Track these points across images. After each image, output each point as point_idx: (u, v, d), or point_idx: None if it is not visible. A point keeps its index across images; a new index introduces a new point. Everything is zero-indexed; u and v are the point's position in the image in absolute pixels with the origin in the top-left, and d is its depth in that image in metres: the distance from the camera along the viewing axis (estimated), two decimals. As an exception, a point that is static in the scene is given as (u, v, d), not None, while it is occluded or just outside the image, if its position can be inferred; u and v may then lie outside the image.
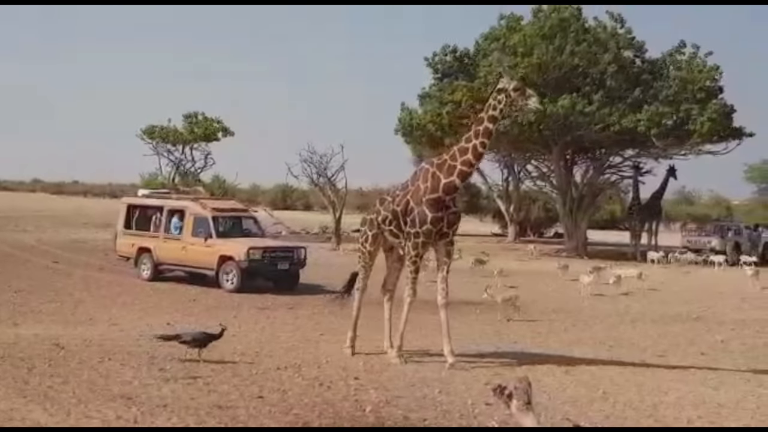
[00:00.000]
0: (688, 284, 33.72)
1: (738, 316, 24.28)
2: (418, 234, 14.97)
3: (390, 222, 15.58)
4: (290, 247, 27.98)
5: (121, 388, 12.46)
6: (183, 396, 12.13)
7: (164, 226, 27.72)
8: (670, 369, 15.67)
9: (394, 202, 15.57)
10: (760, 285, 32.25)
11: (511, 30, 50.08)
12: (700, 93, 46.68)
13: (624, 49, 49.05)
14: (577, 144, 51.30)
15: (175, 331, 16.31)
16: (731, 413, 12.45)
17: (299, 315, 21.08)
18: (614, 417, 11.99)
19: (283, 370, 14.23)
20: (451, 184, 14.95)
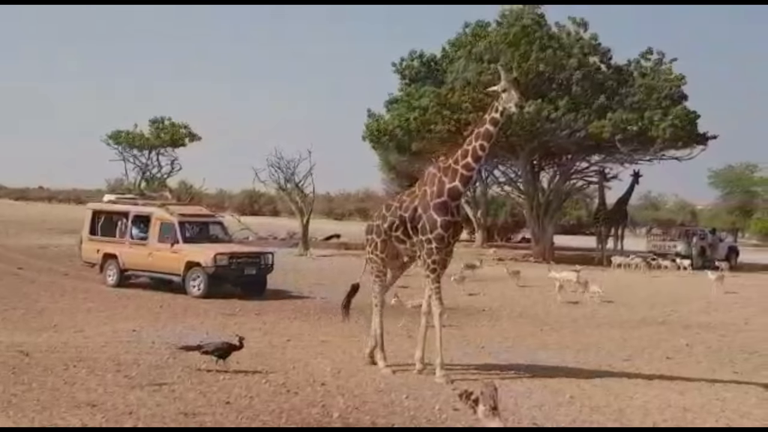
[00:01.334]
0: (653, 289, 33.96)
1: (703, 320, 24.49)
2: (430, 240, 14.44)
3: (397, 228, 15.12)
4: (257, 253, 27.89)
5: (86, 396, 12.35)
6: (149, 403, 12.03)
7: (130, 231, 27.54)
8: (635, 373, 15.77)
9: (401, 208, 15.12)
10: (724, 289, 32.60)
11: (476, 37, 50.32)
12: (665, 101, 47.09)
13: (589, 55, 49.39)
14: (544, 149, 51.55)
15: (196, 341, 16.09)
16: (696, 417, 12.57)
17: (266, 321, 20.99)
18: (580, 421, 12.05)
19: (251, 376, 14.17)
20: (455, 188, 14.54)
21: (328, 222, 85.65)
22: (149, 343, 17.04)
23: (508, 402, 12.32)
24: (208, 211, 32.26)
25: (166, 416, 11.35)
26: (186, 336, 17.97)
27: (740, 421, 12.48)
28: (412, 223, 14.76)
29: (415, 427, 11.35)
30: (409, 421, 11.69)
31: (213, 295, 24.91)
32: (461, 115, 47.41)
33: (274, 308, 23.47)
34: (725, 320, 24.61)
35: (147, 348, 16.44)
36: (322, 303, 25.10)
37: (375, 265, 15.79)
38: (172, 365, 14.82)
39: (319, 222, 70.32)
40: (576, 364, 16.46)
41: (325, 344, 17.70)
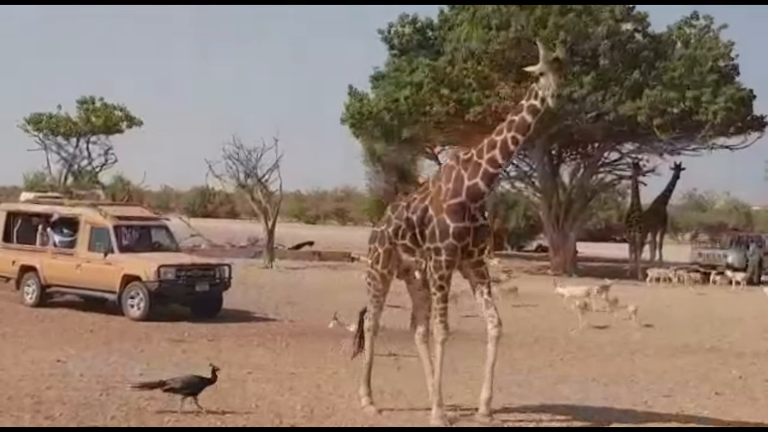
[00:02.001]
0: (699, 308, 34.06)
1: (761, 347, 24.55)
2: (439, 251, 13.74)
3: (403, 234, 14.42)
4: (211, 265, 27.82)
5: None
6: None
7: (53, 238, 27.40)
8: (677, 413, 15.82)
9: (409, 209, 14.41)
10: None
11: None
12: (712, 74, 47.13)
13: (621, 22, 49.46)
14: (565, 137, 51.63)
15: (159, 377, 15.95)
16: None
17: (222, 348, 20.92)
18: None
19: (203, 416, 14.12)
20: (475, 187, 13.88)
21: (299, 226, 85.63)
22: (77, 376, 16.91)
23: None
24: (151, 213, 32.07)
25: (97, 467, 11.32)
26: (124, 367, 17.94)
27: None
28: (421, 228, 14.13)
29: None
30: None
31: (156, 317, 24.81)
32: (463, 94, 47.53)
33: (231, 333, 23.41)
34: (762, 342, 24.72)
35: (74, 382, 16.32)
36: (291, 326, 25.09)
37: (372, 281, 15.10)
38: (105, 403, 14.73)
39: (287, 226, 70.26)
40: (604, 402, 16.45)
41: (295, 377, 17.66)
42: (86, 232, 26.56)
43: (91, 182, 68.08)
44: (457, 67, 48.79)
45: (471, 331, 22.30)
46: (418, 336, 15.20)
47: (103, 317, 25.14)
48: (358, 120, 52.59)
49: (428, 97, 48.02)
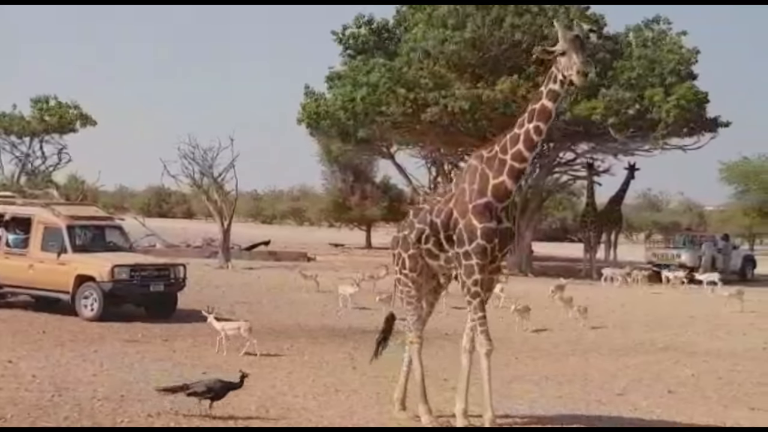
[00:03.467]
0: (653, 307, 34.31)
1: (712, 346, 24.77)
2: (468, 254, 13.08)
3: (427, 238, 13.79)
4: (166, 265, 27.72)
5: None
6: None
7: (5, 238, 27.20)
8: (630, 410, 15.93)
9: (433, 212, 13.80)
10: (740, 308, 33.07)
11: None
12: (670, 77, 47.52)
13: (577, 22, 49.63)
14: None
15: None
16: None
17: (176, 348, 20.85)
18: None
19: (156, 417, 14.06)
20: (502, 185, 13.15)
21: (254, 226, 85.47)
22: (29, 377, 16.80)
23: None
24: (105, 213, 32.00)
25: (49, 468, 11.25)
26: (77, 368, 17.83)
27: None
28: (446, 232, 13.49)
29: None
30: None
31: (110, 317, 24.67)
32: (419, 93, 47.57)
33: (186, 333, 23.31)
34: (739, 346, 24.92)
35: (26, 384, 16.21)
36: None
37: (405, 288, 14.38)
38: (58, 404, 14.65)
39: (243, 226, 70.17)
40: (558, 401, 16.55)
41: (250, 377, 17.61)
42: (39, 231, 26.35)
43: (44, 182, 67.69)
44: (413, 68, 48.89)
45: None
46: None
47: (56, 318, 24.95)
48: (315, 120, 52.60)
49: (384, 97, 48.02)
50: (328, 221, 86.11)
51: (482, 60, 47.94)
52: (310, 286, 34.85)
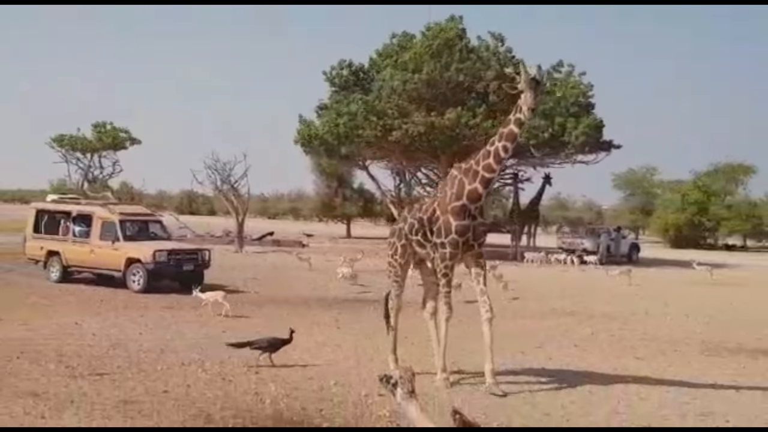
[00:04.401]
0: (562, 282, 34.49)
1: (606, 311, 24.93)
2: (444, 245, 13.18)
3: (416, 231, 13.73)
4: (195, 250, 27.66)
5: (28, 385, 12.15)
6: (89, 392, 11.88)
7: (73, 230, 27.08)
8: (546, 359, 16.01)
9: (421, 210, 13.84)
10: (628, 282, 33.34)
11: (402, 48, 50.55)
12: (574, 108, 48.09)
13: (505, 67, 49.84)
14: (464, 153, 51.47)
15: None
16: (601, 399, 12.83)
17: (203, 314, 20.79)
18: (495, 405, 12.23)
19: (187, 365, 14.06)
20: (474, 191, 13.15)
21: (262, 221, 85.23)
22: (90, 335, 16.80)
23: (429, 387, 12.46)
24: (148, 211, 31.94)
25: (106, 404, 11.22)
26: (127, 328, 17.78)
27: (639, 403, 12.77)
28: (430, 226, 13.51)
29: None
30: (337, 406, 11.72)
31: (152, 290, 24.60)
32: (387, 120, 47.73)
33: (210, 302, 23.27)
34: (627, 311, 25.09)
35: (88, 340, 16.21)
36: (256, 296, 25.00)
37: (392, 269, 14.48)
38: (112, 355, 14.65)
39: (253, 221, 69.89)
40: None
41: (259, 334, 17.58)
42: (98, 225, 26.30)
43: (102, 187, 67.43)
44: (382, 101, 48.91)
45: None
46: (427, 313, 14.47)
47: (111, 290, 24.85)
48: (307, 141, 52.53)
49: (361, 123, 48.05)
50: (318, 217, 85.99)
51: (434, 95, 48.01)
52: (304, 266, 34.85)
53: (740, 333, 20.97)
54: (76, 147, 74.98)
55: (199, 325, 18.79)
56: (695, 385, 14.12)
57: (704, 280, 37.59)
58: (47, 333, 16.86)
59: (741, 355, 17.73)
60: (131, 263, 25.27)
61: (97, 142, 74.54)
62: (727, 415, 12.13)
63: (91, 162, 75.81)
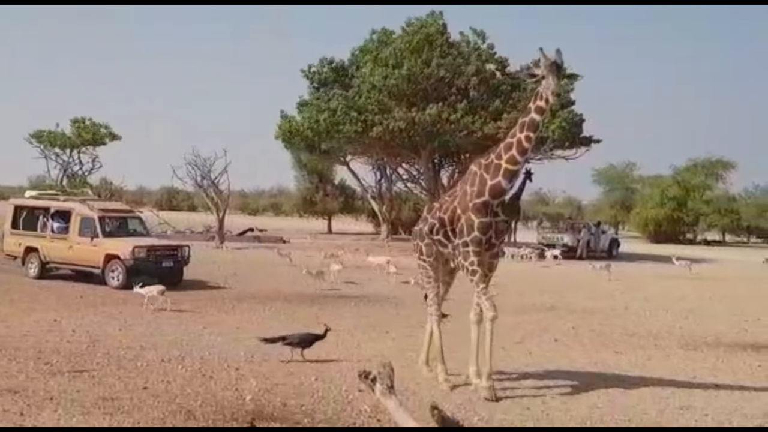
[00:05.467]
0: (543, 277, 34.60)
1: (587, 306, 25.04)
2: (467, 244, 12.57)
3: (437, 231, 13.23)
4: (174, 246, 27.49)
5: (7, 382, 12.05)
6: (69, 389, 11.81)
7: (51, 226, 26.92)
8: (526, 354, 16.04)
9: (441, 209, 13.31)
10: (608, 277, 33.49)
11: (382, 44, 50.58)
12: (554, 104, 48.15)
13: (486, 63, 50.00)
14: (444, 149, 52.08)
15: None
16: (581, 394, 12.87)
17: (183, 309, 20.71)
18: (475, 400, 12.26)
19: (167, 362, 14.00)
20: (498, 186, 12.60)
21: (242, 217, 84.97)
22: (70, 331, 16.68)
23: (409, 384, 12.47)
24: (127, 207, 31.80)
25: (86, 401, 11.15)
26: (107, 325, 17.68)
27: (619, 397, 12.82)
28: (452, 226, 12.95)
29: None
30: (318, 402, 11.71)
31: (131, 286, 24.43)
32: (367, 116, 47.76)
33: (190, 298, 23.15)
34: (607, 306, 25.21)
35: (68, 336, 16.10)
36: (237, 293, 24.91)
37: (424, 270, 13.91)
38: (92, 352, 14.56)
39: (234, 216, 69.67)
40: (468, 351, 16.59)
41: (239, 331, 17.59)
42: (77, 221, 26.16)
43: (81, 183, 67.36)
44: (363, 97, 48.96)
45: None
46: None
47: (90, 286, 24.69)
48: (288, 136, 52.57)
49: (341, 119, 48.12)
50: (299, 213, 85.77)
51: (415, 91, 48.06)
52: (285, 261, 34.76)
53: (719, 327, 21.16)
54: (55, 143, 74.67)
55: (178, 322, 18.70)
56: (674, 379, 14.22)
57: (683, 275, 37.89)
58: (26, 330, 16.73)
59: (719, 349, 17.87)
60: (110, 259, 25.11)
61: (76, 138, 74.22)
62: (705, 409, 12.21)
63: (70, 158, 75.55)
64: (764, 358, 16.87)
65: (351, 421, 10.87)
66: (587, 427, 10.86)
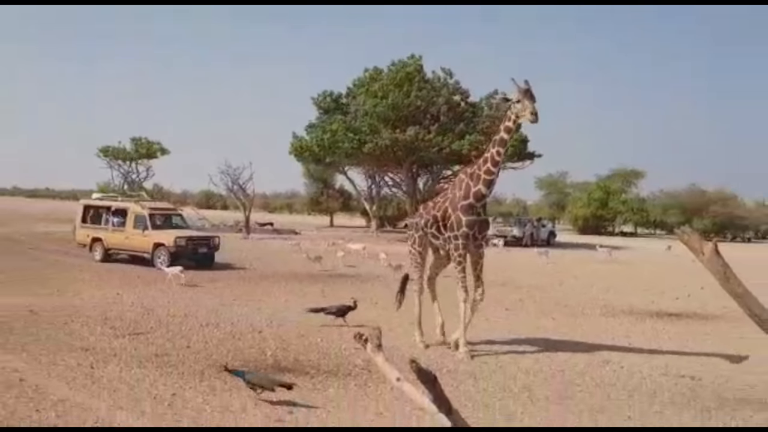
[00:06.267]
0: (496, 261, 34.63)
1: (531, 282, 25.09)
2: (456, 237, 12.40)
3: (431, 225, 12.97)
4: (208, 236, 27.40)
5: (80, 342, 12.03)
6: (128, 347, 11.79)
7: (112, 221, 26.90)
8: (484, 321, 16.09)
9: (435, 208, 13.03)
10: (546, 261, 33.58)
11: (373, 79, 50.55)
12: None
13: (453, 95, 50.07)
14: (420, 162, 52.02)
15: (319, 305, 15.35)
16: (526, 351, 12.93)
17: (217, 286, 20.66)
18: (446, 356, 12.29)
19: (205, 326, 13.98)
20: (478, 191, 12.32)
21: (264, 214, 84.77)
22: (129, 303, 16.64)
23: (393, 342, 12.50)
24: (171, 206, 31.82)
25: (141, 357, 11.14)
26: (159, 299, 17.62)
27: (555, 354, 12.86)
28: (443, 222, 12.73)
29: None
30: (322, 357, 11.72)
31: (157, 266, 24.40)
32: (361, 136, 47.85)
33: (222, 277, 23.12)
34: (546, 283, 25.29)
35: (127, 307, 16.06)
36: (260, 273, 24.87)
37: (413, 257, 13.66)
38: (146, 319, 14.53)
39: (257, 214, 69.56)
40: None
41: (261, 302, 17.58)
42: (132, 217, 26.12)
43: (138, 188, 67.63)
44: (357, 121, 48.90)
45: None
46: (428, 282, 13.88)
47: (143, 268, 24.56)
48: (299, 152, 52.45)
49: (341, 138, 48.05)
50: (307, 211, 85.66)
51: (398, 117, 47.96)
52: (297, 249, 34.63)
53: (632, 299, 21.26)
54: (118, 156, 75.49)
55: (214, 296, 18.66)
56: (597, 340, 14.30)
57: (605, 259, 38.04)
58: (95, 302, 16.69)
59: (632, 316, 17.97)
60: (157, 247, 25.07)
61: (134, 152, 75.04)
62: (621, 362, 12.29)
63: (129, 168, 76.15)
64: (666, 324, 17.00)
65: (348, 371, 10.88)
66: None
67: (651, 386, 10.73)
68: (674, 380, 11.16)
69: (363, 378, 10.47)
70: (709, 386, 10.85)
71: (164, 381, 9.80)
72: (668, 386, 10.76)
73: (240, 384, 9.24)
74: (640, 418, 9.02)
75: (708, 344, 14.27)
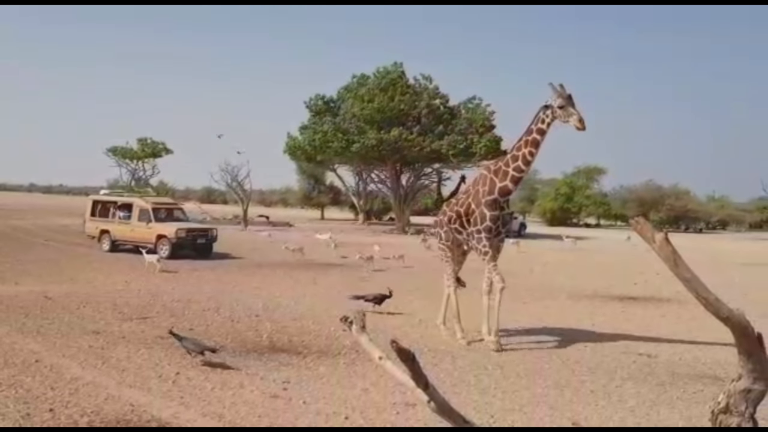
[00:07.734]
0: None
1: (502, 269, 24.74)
2: (480, 231, 11.88)
3: (455, 221, 12.43)
4: (206, 229, 27.29)
5: (92, 325, 11.97)
6: (136, 330, 11.75)
7: (118, 214, 26.79)
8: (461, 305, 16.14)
9: (458, 204, 12.46)
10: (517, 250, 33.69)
11: (360, 84, 50.56)
12: (481, 128, 48.42)
13: (433, 99, 50.11)
14: (403, 160, 52.08)
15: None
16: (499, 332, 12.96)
17: (216, 274, 20.61)
18: (428, 336, 12.32)
19: (207, 311, 13.94)
20: (505, 187, 11.73)
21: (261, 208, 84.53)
22: (136, 290, 16.56)
23: (378, 325, 12.51)
24: (173, 201, 31.81)
25: (148, 339, 11.10)
26: (163, 285, 17.54)
27: (525, 334, 12.91)
28: (467, 217, 12.20)
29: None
30: (314, 338, 11.72)
31: (176, 257, 24.26)
32: (350, 137, 47.81)
33: (222, 265, 23.06)
34: (517, 269, 25.31)
35: (135, 293, 15.99)
36: (256, 262, 24.83)
37: (442, 252, 13.13)
38: (152, 304, 14.46)
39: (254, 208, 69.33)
40: (407, 300, 16.66)
41: (258, 289, 17.55)
42: (136, 211, 26.07)
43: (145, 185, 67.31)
44: (346, 122, 48.84)
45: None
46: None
47: (151, 258, 24.49)
48: (293, 151, 52.42)
49: (331, 138, 48.00)
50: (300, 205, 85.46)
51: (383, 118, 47.98)
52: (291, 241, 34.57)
53: (595, 284, 21.41)
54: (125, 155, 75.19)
55: (214, 283, 18.61)
56: (564, 321, 14.38)
57: (571, 248, 38.25)
58: (105, 289, 16.60)
59: (596, 299, 18.09)
60: (160, 238, 25.02)
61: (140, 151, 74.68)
62: (585, 342, 12.37)
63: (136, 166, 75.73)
64: (626, 306, 17.13)
65: (337, 351, 10.90)
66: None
67: (612, 363, 10.82)
68: (633, 358, 11.26)
69: (351, 357, 10.47)
70: (664, 363, 10.96)
71: (169, 361, 9.78)
72: (627, 363, 10.86)
73: (239, 362, 9.23)
74: (602, 392, 9.11)
75: (663, 325, 14.41)
